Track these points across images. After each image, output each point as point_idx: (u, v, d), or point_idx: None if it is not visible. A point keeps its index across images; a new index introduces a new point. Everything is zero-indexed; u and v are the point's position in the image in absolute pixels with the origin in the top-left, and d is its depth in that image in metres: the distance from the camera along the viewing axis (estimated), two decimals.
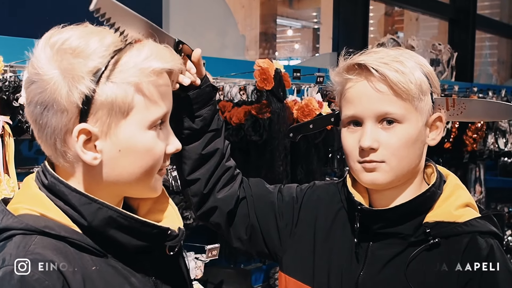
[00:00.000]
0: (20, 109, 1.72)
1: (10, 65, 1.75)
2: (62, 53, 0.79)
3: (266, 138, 2.44)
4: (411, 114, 1.01)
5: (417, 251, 1.01)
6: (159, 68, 0.81)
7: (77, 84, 0.77)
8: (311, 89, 2.82)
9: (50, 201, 0.82)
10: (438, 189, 1.06)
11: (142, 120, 0.82)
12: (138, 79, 0.80)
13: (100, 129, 0.80)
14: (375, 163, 1.02)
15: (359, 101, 1.02)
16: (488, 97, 4.58)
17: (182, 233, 0.89)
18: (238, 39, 4.54)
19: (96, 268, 0.81)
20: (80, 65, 0.78)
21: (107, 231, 0.82)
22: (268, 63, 2.42)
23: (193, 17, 3.87)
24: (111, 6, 0.79)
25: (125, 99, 0.79)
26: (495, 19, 7.52)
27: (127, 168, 0.83)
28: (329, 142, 2.88)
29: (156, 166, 0.86)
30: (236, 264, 2.70)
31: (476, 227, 1.02)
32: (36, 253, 0.76)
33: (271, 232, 1.17)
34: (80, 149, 0.80)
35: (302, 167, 2.74)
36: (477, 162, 4.41)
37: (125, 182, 0.84)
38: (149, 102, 0.82)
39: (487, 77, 7.95)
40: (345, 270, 1.08)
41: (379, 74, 0.99)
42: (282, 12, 7.23)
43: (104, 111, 0.79)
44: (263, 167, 2.49)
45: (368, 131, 1.01)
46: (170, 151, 0.88)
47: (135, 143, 0.82)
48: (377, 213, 1.05)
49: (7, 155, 1.68)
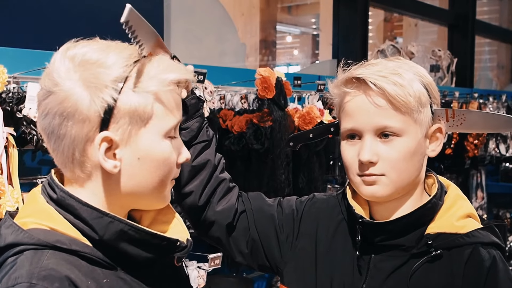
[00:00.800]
0: (24, 120, 1.73)
1: (13, 76, 1.76)
2: (84, 64, 0.81)
3: (267, 146, 2.44)
4: (410, 127, 1.01)
5: (419, 263, 1.01)
6: (177, 78, 0.85)
7: (100, 93, 0.79)
8: (312, 97, 2.83)
9: (59, 215, 0.82)
10: (439, 200, 1.05)
11: (160, 129, 0.84)
12: (157, 88, 0.83)
13: (120, 137, 0.81)
14: (375, 176, 1.02)
15: (358, 114, 1.02)
16: (488, 102, 4.59)
17: (190, 244, 0.90)
18: (238, 46, 4.55)
19: (107, 281, 0.82)
20: (103, 74, 0.80)
21: (118, 244, 0.83)
22: (269, 71, 2.44)
23: (194, 25, 3.88)
24: (138, 21, 0.83)
25: (146, 107, 0.82)
26: (494, 24, 7.54)
27: (145, 177, 0.84)
28: (330, 149, 2.89)
29: (171, 175, 0.88)
30: (238, 272, 2.70)
31: (478, 238, 1.02)
32: (50, 268, 0.75)
33: (272, 245, 1.17)
34: (102, 157, 0.81)
35: (304, 175, 2.74)
36: (478, 167, 4.41)
37: (141, 191, 0.86)
38: (167, 111, 0.85)
39: (487, 82, 7.96)
40: (347, 282, 1.07)
41: (377, 88, 0.99)
42: (282, 19, 7.26)
43: (126, 119, 0.81)
44: (265, 176, 2.49)
45: (367, 145, 1.01)
46: (182, 160, 0.90)
47: (154, 151, 0.84)
48: (378, 225, 1.05)
49: (11, 166, 1.68)
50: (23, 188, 1.74)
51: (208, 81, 2.32)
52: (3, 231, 0.81)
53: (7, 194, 1.63)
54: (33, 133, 1.73)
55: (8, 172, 1.67)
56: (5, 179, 1.64)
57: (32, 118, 1.72)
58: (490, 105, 4.58)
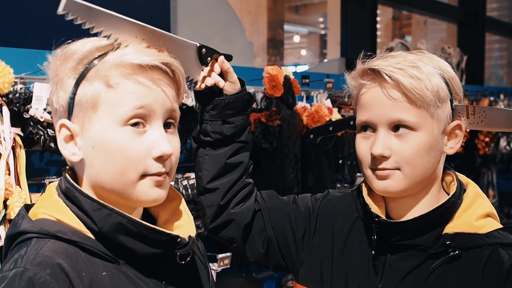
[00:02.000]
0: (31, 120, 1.73)
1: (20, 77, 1.75)
2: (56, 56, 0.85)
3: (276, 145, 2.43)
4: (426, 122, 0.98)
5: (436, 264, 0.98)
6: (131, 62, 0.80)
7: (61, 84, 0.83)
8: (321, 95, 2.81)
9: (66, 207, 0.84)
10: (458, 199, 1.02)
11: (112, 116, 0.81)
12: (108, 73, 0.81)
13: (78, 125, 0.83)
14: (388, 171, 0.99)
15: (373, 107, 1.00)
16: (499, 100, 4.53)
17: (192, 241, 0.88)
18: (245, 46, 4.54)
19: (106, 274, 0.82)
20: (63, 67, 0.83)
21: (117, 237, 0.83)
22: (277, 70, 2.42)
23: (201, 25, 3.88)
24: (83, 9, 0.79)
25: (93, 94, 0.81)
26: (504, 21, 7.47)
27: (103, 167, 0.82)
28: (339, 148, 2.86)
29: (134, 168, 0.82)
30: (248, 272, 2.68)
31: (498, 239, 0.99)
32: (45, 256, 0.78)
33: (288, 244, 1.15)
34: (61, 143, 0.84)
35: (313, 174, 2.72)
36: (489, 166, 4.37)
37: (104, 182, 0.83)
38: (122, 96, 0.81)
39: (498, 80, 7.88)
40: (362, 282, 1.05)
41: (393, 80, 0.97)
42: (289, 19, 7.24)
43: (79, 107, 0.82)
44: (273, 175, 2.48)
45: (380, 138, 0.99)
46: (155, 154, 0.82)
47: (106, 139, 0.81)
48: (395, 225, 1.02)
49: (18, 166, 1.68)
50: (31, 189, 1.74)
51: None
52: (16, 220, 0.85)
53: (15, 194, 1.62)
54: (40, 134, 1.73)
55: (15, 172, 1.66)
56: (12, 179, 1.63)
57: (39, 118, 1.72)
58: (501, 102, 4.53)
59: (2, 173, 1.60)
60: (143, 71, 0.81)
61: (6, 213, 1.62)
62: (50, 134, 1.74)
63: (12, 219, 1.64)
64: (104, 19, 0.82)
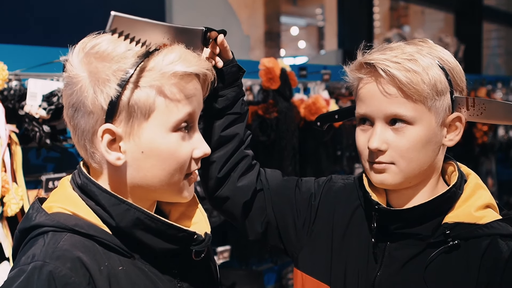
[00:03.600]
0: (26, 117, 1.72)
1: (15, 74, 1.75)
2: (91, 56, 0.82)
3: (274, 138, 2.42)
4: (423, 115, 0.97)
5: (435, 253, 0.98)
6: (182, 71, 0.82)
7: (102, 86, 0.80)
8: (318, 87, 2.80)
9: (82, 201, 0.84)
10: (459, 189, 1.02)
11: (165, 123, 0.83)
12: (159, 82, 0.81)
13: (124, 130, 0.82)
14: (384, 164, 0.99)
15: (370, 101, 1.00)
16: (497, 88, 4.53)
17: (208, 238, 0.89)
18: (242, 39, 4.52)
19: (122, 268, 0.82)
20: (105, 68, 0.80)
21: (134, 232, 0.83)
22: (274, 62, 2.41)
23: (197, 18, 3.85)
24: (127, 23, 0.80)
25: (147, 101, 0.81)
26: (502, 9, 7.44)
27: (150, 171, 0.84)
28: (338, 140, 2.86)
29: (181, 169, 0.86)
30: (247, 265, 2.69)
31: (497, 230, 0.98)
32: (65, 249, 0.78)
33: (288, 228, 1.15)
34: (105, 148, 0.82)
35: (311, 166, 2.72)
36: (488, 154, 4.37)
37: (150, 184, 0.85)
38: (172, 105, 0.83)
39: (495, 68, 7.88)
40: (361, 270, 1.05)
41: (388, 75, 0.96)
42: (286, 10, 7.21)
43: (128, 113, 0.81)
44: (272, 168, 2.47)
45: (376, 133, 0.98)
46: (197, 155, 0.87)
47: (157, 145, 0.83)
48: (395, 213, 1.02)
49: (14, 163, 1.68)
50: (28, 185, 1.74)
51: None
52: (31, 214, 0.84)
53: (12, 191, 1.62)
54: (35, 130, 1.72)
55: (12, 170, 1.66)
56: (9, 177, 1.63)
57: (34, 115, 1.71)
58: (499, 91, 4.52)
59: None
60: (189, 79, 0.84)
61: (3, 210, 1.62)
62: (46, 130, 1.74)
63: (9, 216, 1.64)
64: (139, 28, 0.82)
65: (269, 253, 2.65)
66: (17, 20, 2.39)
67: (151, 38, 0.83)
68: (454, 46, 5.09)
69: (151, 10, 2.60)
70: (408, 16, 6.79)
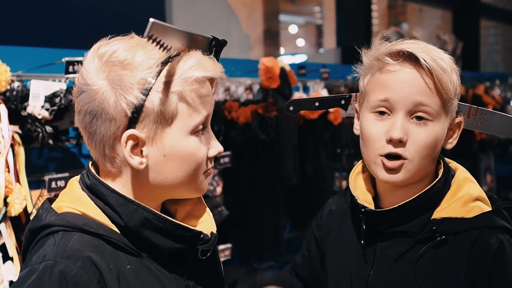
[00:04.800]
0: (29, 118, 1.73)
1: (17, 75, 1.76)
2: (110, 64, 0.83)
3: (273, 136, 2.44)
4: (442, 114, 0.99)
5: (424, 249, 1.00)
6: (201, 76, 0.85)
7: (125, 94, 0.82)
8: (317, 85, 2.81)
9: (90, 201, 0.86)
10: (445, 185, 1.03)
11: (186, 127, 0.86)
12: (181, 88, 0.84)
13: (146, 135, 0.84)
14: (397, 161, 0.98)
15: (399, 87, 0.98)
16: (495, 85, 4.54)
17: (214, 238, 0.91)
18: (241, 38, 4.53)
19: (131, 267, 0.84)
20: (128, 76, 0.82)
21: (143, 232, 0.85)
22: (273, 61, 2.42)
23: (196, 18, 3.87)
24: (163, 30, 0.82)
25: (170, 107, 0.83)
26: (499, 7, 7.45)
27: (171, 172, 0.86)
28: (337, 138, 2.87)
29: (200, 169, 0.89)
30: (248, 263, 2.70)
31: (484, 223, 0.99)
32: (75, 249, 0.80)
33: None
34: (128, 154, 0.84)
35: (311, 164, 2.73)
36: (487, 151, 4.38)
37: (169, 185, 0.88)
38: (192, 109, 0.86)
39: (493, 66, 7.89)
40: (354, 270, 1.07)
41: (429, 66, 0.96)
42: (285, 9, 7.21)
43: (151, 118, 0.83)
44: (272, 166, 2.49)
45: (399, 122, 0.97)
46: (212, 154, 0.90)
47: (179, 148, 0.85)
48: (381, 214, 1.03)
49: (18, 164, 1.69)
50: (31, 185, 1.75)
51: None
52: (40, 214, 0.86)
53: (15, 192, 1.63)
54: (38, 131, 1.74)
55: (15, 170, 1.67)
56: (12, 177, 1.64)
57: (37, 115, 1.72)
58: (497, 88, 4.54)
59: (1, 171, 1.61)
60: (205, 83, 0.87)
61: (7, 210, 1.63)
62: (48, 131, 1.75)
63: (12, 216, 1.66)
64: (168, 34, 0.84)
65: (270, 251, 2.67)
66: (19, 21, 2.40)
67: (174, 44, 0.85)
68: (452, 44, 5.10)
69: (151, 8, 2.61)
70: (406, 13, 6.80)
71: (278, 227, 2.61)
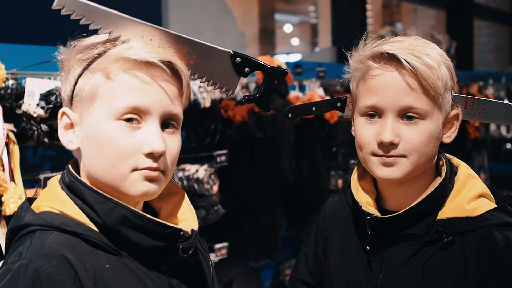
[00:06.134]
0: (24, 116, 1.72)
1: (11, 73, 1.74)
2: (67, 50, 0.87)
3: (270, 135, 2.44)
4: (434, 111, 0.98)
5: (431, 251, 0.99)
6: (133, 57, 0.81)
7: (68, 75, 0.86)
8: (313, 84, 2.81)
9: (69, 200, 0.85)
10: (449, 183, 1.02)
11: (107, 109, 0.82)
12: (108, 66, 0.82)
13: (77, 115, 0.85)
14: (395, 158, 0.98)
15: (384, 92, 0.97)
16: (488, 84, 4.57)
17: (195, 235, 0.88)
18: (237, 36, 4.52)
19: (110, 266, 0.82)
20: (72, 58, 0.85)
21: (121, 230, 0.83)
22: (269, 60, 2.42)
23: (192, 16, 3.85)
24: (86, 7, 0.81)
25: (93, 85, 0.83)
26: (492, 7, 7.49)
27: (94, 158, 0.84)
28: (333, 137, 2.88)
29: (125, 161, 0.82)
30: (245, 262, 2.70)
31: (490, 220, 0.98)
32: (51, 247, 0.79)
33: None
34: (60, 131, 0.86)
35: (307, 163, 2.73)
36: (480, 150, 4.41)
37: (96, 173, 0.85)
38: (119, 91, 0.81)
39: (487, 65, 7.93)
40: (362, 275, 1.06)
41: (411, 66, 0.95)
42: (280, 8, 7.21)
43: (79, 97, 0.84)
44: (268, 164, 2.49)
45: (389, 125, 0.97)
46: (145, 150, 0.82)
47: (98, 131, 0.83)
48: (386, 220, 1.01)
49: (12, 162, 1.68)
50: (26, 184, 1.74)
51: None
52: (20, 213, 0.85)
53: (10, 190, 1.62)
54: (33, 129, 1.72)
55: (10, 168, 1.66)
56: (7, 176, 1.63)
57: (32, 113, 1.71)
58: (490, 87, 4.57)
59: None
60: (143, 67, 0.81)
61: (1, 209, 1.62)
62: (44, 129, 1.74)
63: (7, 216, 1.64)
64: (104, 17, 0.81)
65: (266, 249, 2.67)
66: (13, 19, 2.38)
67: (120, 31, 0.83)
68: (446, 43, 5.12)
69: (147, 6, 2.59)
70: (400, 13, 6.82)
71: (275, 225, 2.61)
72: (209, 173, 2.29)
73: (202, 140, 2.30)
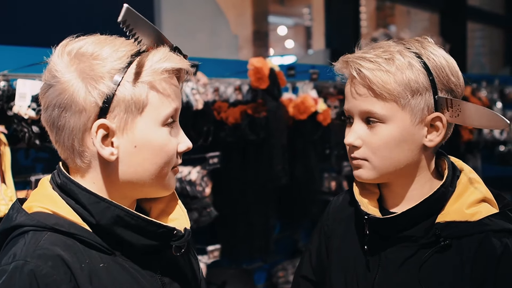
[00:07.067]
0: (15, 118, 1.71)
1: (3, 74, 1.74)
2: (80, 56, 0.84)
3: (263, 137, 2.44)
4: (396, 114, 0.98)
5: (428, 254, 0.99)
6: (170, 68, 0.86)
7: (96, 84, 0.82)
8: (306, 86, 2.82)
9: (62, 200, 0.85)
10: (450, 187, 1.02)
11: (156, 117, 0.86)
12: (152, 78, 0.85)
13: (117, 125, 0.83)
14: (359, 160, 1.02)
15: (348, 98, 1.03)
16: (481, 87, 4.59)
17: (188, 234, 0.90)
18: (230, 39, 4.52)
19: (104, 265, 0.83)
20: (99, 66, 0.83)
21: (115, 230, 0.85)
22: (262, 62, 2.42)
23: (185, 18, 3.85)
24: (135, 19, 0.85)
25: (140, 96, 0.84)
26: (486, 9, 7.54)
27: (142, 165, 0.86)
28: (326, 139, 2.88)
29: (170, 163, 0.89)
30: (238, 264, 2.70)
31: (489, 226, 0.97)
32: (46, 248, 0.79)
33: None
34: (99, 144, 0.83)
35: (300, 165, 2.74)
36: (473, 152, 4.43)
37: (139, 179, 0.87)
38: (162, 100, 0.86)
39: (480, 67, 7.97)
40: (360, 275, 1.07)
41: (360, 76, 0.98)
42: (274, 10, 7.23)
43: (122, 108, 0.83)
44: (261, 166, 2.49)
45: (353, 128, 1.01)
46: (182, 149, 0.90)
47: (150, 139, 0.85)
48: (384, 221, 1.02)
49: (3, 164, 1.67)
50: (17, 186, 1.73)
51: (201, 73, 2.31)
52: (11, 214, 0.85)
53: (1, 192, 1.61)
54: (24, 131, 1.71)
55: (0, 170, 1.65)
56: None
57: (23, 115, 1.70)
58: (483, 89, 4.59)
59: None
60: (173, 75, 0.88)
61: None
62: (35, 131, 1.73)
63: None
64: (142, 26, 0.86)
65: (259, 251, 2.66)
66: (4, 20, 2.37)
67: (145, 39, 0.87)
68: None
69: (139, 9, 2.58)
70: (394, 16, 6.85)
71: (268, 227, 2.61)
72: (202, 175, 2.29)
73: (195, 142, 2.30)
